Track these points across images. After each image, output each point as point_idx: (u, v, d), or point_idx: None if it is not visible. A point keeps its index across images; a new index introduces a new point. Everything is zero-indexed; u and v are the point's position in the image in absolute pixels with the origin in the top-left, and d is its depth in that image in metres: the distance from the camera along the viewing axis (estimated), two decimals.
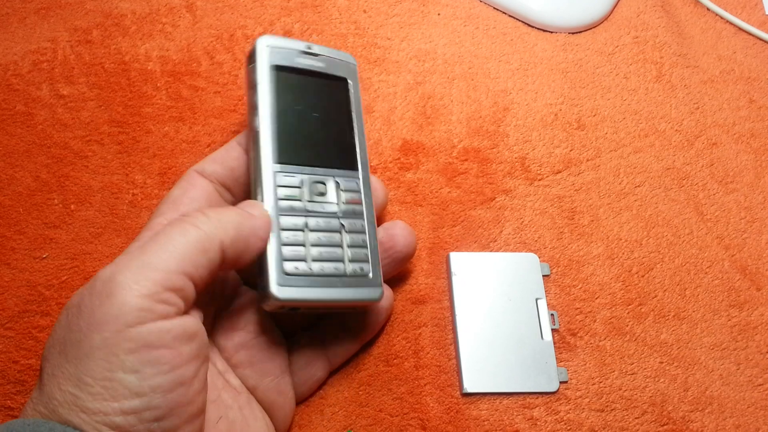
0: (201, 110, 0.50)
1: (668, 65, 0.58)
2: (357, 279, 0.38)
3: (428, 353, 0.43)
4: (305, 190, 0.38)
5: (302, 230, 0.37)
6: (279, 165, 0.37)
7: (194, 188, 0.38)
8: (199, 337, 0.31)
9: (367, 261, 0.38)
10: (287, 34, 0.55)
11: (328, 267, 0.37)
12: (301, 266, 0.36)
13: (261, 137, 0.38)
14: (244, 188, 0.40)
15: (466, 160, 0.51)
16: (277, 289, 0.35)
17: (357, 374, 0.42)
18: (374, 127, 0.51)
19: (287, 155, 0.38)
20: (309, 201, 0.38)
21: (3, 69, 0.51)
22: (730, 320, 0.47)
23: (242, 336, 0.37)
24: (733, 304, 0.48)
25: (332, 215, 0.38)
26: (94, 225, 0.46)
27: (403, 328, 0.44)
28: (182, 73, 0.52)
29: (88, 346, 0.28)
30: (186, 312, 0.31)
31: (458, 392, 0.43)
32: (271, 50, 0.40)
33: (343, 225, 0.38)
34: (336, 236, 0.38)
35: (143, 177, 0.48)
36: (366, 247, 0.39)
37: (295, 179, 0.38)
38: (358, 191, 0.40)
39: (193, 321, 0.31)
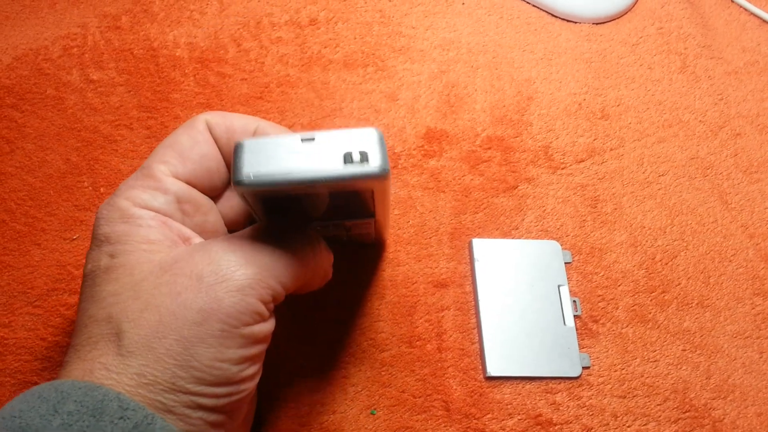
0: (228, 97, 0.51)
1: (692, 56, 0.58)
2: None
3: (451, 336, 0.44)
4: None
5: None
6: None
7: (204, 145, 0.34)
8: None
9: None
10: (313, 22, 0.55)
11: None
12: None
13: None
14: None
15: (489, 148, 0.51)
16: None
17: (380, 354, 0.43)
18: (398, 115, 0.52)
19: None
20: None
21: (34, 54, 0.52)
22: (753, 309, 0.47)
23: None
24: (757, 293, 0.48)
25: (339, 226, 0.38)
26: None
27: (425, 310, 0.44)
28: (209, 60, 0.53)
29: (205, 331, 0.28)
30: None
31: (481, 375, 0.43)
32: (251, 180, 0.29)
33: (348, 227, 0.39)
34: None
35: None
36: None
37: None
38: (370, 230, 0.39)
39: (274, 320, 0.33)
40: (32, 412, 0.26)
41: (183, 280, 0.29)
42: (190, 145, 0.34)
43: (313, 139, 0.29)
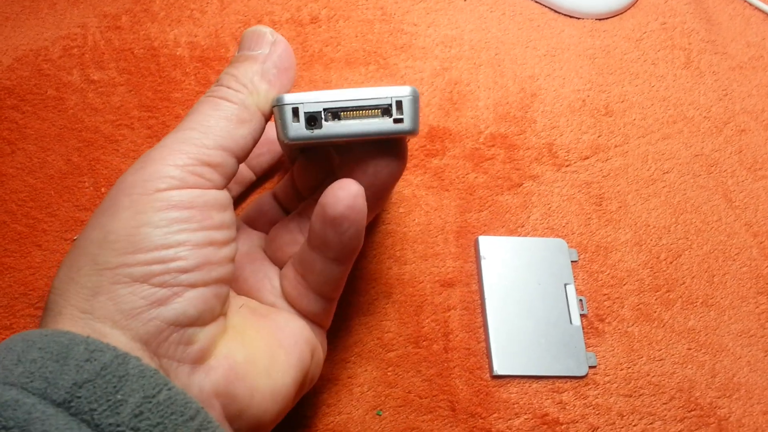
0: None
1: (696, 51, 0.57)
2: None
3: (457, 336, 0.44)
4: None
5: None
6: None
7: None
8: (231, 210, 0.30)
9: None
10: (314, 20, 0.55)
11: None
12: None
13: None
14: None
15: (493, 145, 0.51)
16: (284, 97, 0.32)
17: (386, 354, 0.42)
18: None
19: None
20: None
21: (34, 54, 0.51)
22: (758, 307, 0.47)
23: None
24: (761, 292, 0.48)
25: None
26: None
27: (432, 310, 0.44)
28: (210, 59, 0.52)
29: (115, 207, 0.27)
30: (224, 187, 0.30)
31: (487, 375, 0.43)
32: None
33: None
34: None
35: None
36: None
37: None
38: None
39: (228, 195, 0.30)
40: None
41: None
42: None
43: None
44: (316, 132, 0.31)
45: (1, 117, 0.49)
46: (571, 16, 0.58)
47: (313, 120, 0.31)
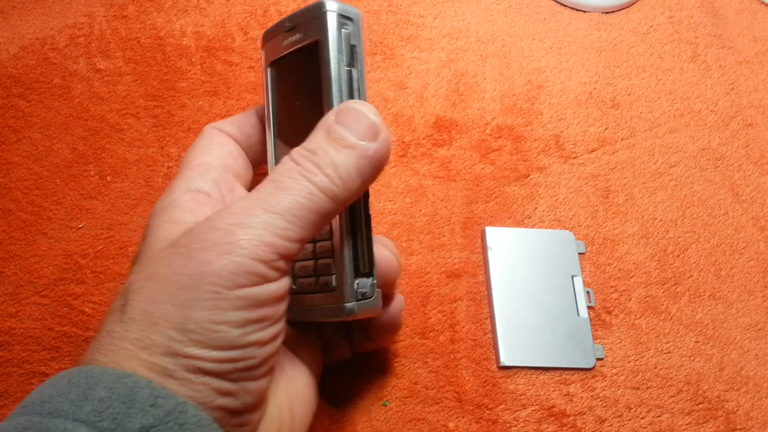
0: (235, 85, 0.51)
1: (703, 45, 0.57)
2: (325, 295, 0.34)
3: (464, 327, 0.43)
4: None
5: None
6: None
7: (220, 137, 0.37)
8: (288, 296, 0.31)
9: (331, 273, 0.34)
10: None
11: (303, 282, 0.35)
12: None
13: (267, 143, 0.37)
14: (256, 156, 0.39)
15: (499, 137, 0.51)
16: None
17: (392, 346, 0.42)
18: (407, 104, 0.51)
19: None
20: None
21: (41, 43, 0.51)
22: (765, 301, 0.47)
23: None
24: None
25: None
26: (130, 196, 0.46)
27: (438, 301, 0.44)
28: (216, 49, 0.52)
29: (198, 295, 0.28)
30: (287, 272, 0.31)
31: (494, 366, 0.42)
32: (267, 45, 0.37)
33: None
34: (308, 246, 0.34)
35: (178, 150, 0.48)
36: (329, 256, 0.34)
37: None
38: None
39: (289, 280, 0.31)
40: (62, 397, 0.26)
41: (180, 249, 0.29)
42: (207, 143, 0.37)
43: None
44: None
45: (7, 105, 0.48)
46: (577, 9, 0.58)
47: None
